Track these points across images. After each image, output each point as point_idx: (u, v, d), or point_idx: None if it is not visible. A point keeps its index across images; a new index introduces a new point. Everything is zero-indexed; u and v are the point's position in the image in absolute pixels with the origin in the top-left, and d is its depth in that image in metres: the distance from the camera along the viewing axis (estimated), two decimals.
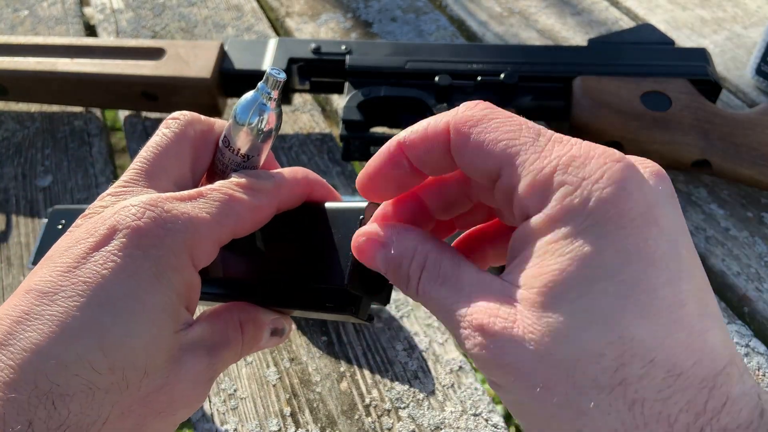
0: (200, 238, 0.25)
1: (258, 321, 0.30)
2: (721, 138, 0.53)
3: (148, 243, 0.24)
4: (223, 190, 0.27)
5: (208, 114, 0.64)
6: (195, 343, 0.26)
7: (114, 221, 0.24)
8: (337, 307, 0.28)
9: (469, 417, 0.41)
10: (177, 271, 0.25)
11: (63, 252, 0.24)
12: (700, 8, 0.77)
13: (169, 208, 0.25)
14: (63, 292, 0.23)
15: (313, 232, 0.29)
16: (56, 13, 0.83)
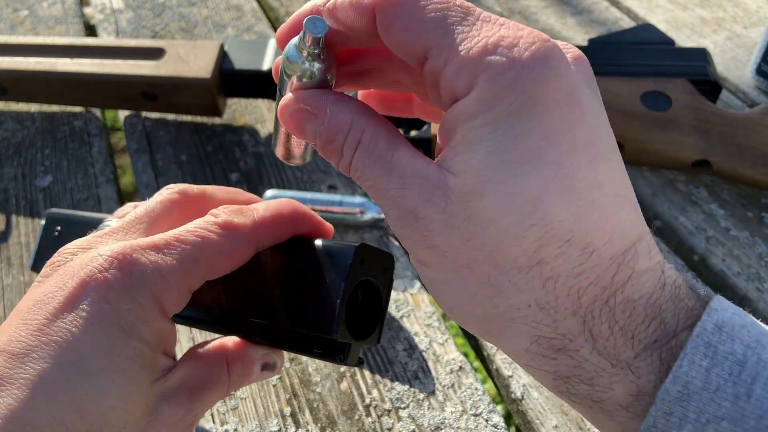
0: (168, 286, 0.25)
1: (246, 358, 0.29)
2: (722, 138, 0.53)
3: (115, 296, 0.24)
4: (197, 233, 0.26)
5: (209, 114, 0.64)
6: (174, 390, 0.26)
7: (83, 274, 0.24)
8: (325, 354, 0.28)
9: (469, 417, 0.41)
10: (146, 322, 0.24)
11: (32, 307, 0.24)
12: (701, 8, 0.77)
13: (137, 257, 0.24)
14: (34, 353, 0.23)
15: (302, 269, 0.28)
16: (56, 13, 0.83)
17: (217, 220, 0.27)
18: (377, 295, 0.29)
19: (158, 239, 0.25)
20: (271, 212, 0.28)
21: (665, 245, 0.51)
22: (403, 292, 0.49)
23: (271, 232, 0.28)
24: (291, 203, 0.29)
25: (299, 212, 0.29)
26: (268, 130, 0.64)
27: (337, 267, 0.26)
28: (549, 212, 0.21)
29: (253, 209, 0.28)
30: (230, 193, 0.31)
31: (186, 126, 0.65)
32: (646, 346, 0.21)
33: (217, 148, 0.62)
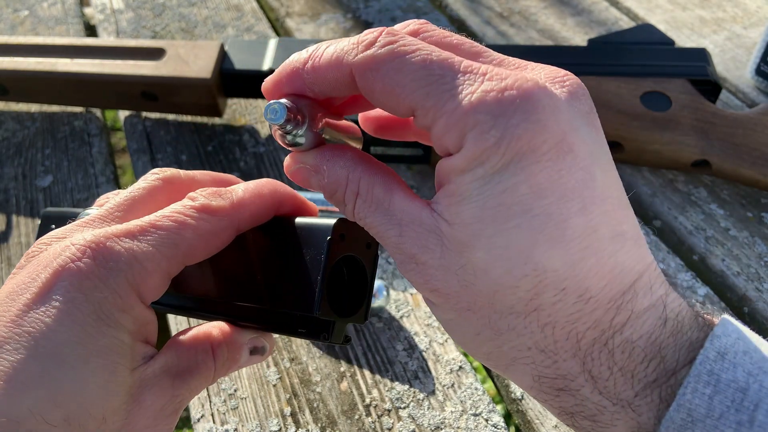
0: (145, 273, 0.24)
1: (233, 343, 0.28)
2: (721, 138, 0.53)
3: (90, 285, 0.23)
4: (173, 218, 0.25)
5: (209, 114, 0.64)
6: (156, 376, 0.25)
7: (56, 265, 0.24)
8: (309, 332, 0.27)
9: (469, 417, 0.41)
10: (124, 311, 0.24)
11: (5, 299, 0.24)
12: (700, 8, 0.77)
13: (111, 245, 0.24)
14: (8, 344, 0.22)
15: (283, 249, 0.27)
16: (56, 13, 0.83)
17: (194, 203, 0.26)
18: (362, 272, 0.28)
19: (133, 226, 0.25)
20: (251, 193, 0.27)
21: (665, 245, 0.51)
22: (403, 292, 0.49)
23: (251, 214, 0.27)
24: (271, 183, 0.28)
25: (280, 192, 0.28)
26: (267, 130, 0.64)
27: (316, 244, 0.26)
28: (541, 263, 0.21)
29: (231, 191, 0.27)
30: (215, 178, 0.30)
31: (186, 126, 0.65)
32: (646, 385, 0.22)
33: (217, 148, 0.62)
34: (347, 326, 0.28)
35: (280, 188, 0.28)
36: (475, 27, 0.77)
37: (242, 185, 0.28)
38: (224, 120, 0.65)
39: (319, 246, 0.26)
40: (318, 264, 0.26)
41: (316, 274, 0.26)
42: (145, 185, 0.28)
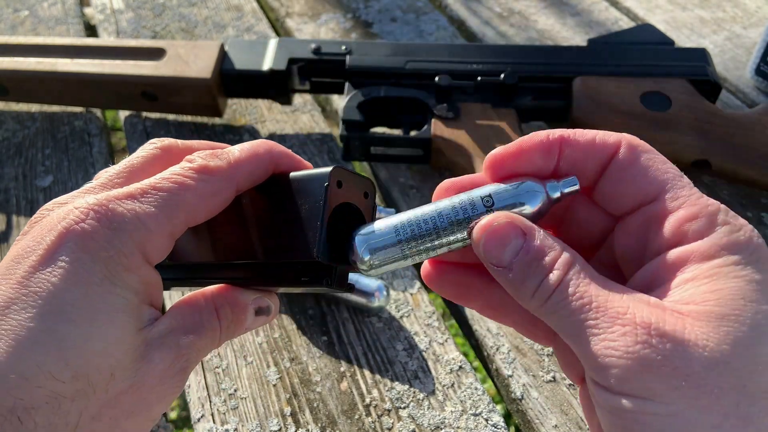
0: (150, 234, 0.25)
1: (237, 303, 0.29)
2: (721, 138, 0.53)
3: (95, 246, 0.24)
4: (173, 179, 0.26)
5: (209, 114, 0.64)
6: (162, 337, 0.26)
7: (61, 227, 0.24)
8: (311, 280, 0.27)
9: (469, 417, 0.41)
10: (130, 270, 0.24)
11: (11, 263, 0.24)
12: (700, 8, 0.77)
13: (114, 207, 0.24)
14: (15, 305, 0.23)
15: (282, 204, 0.27)
16: (56, 14, 0.83)
17: (192, 165, 0.26)
18: (361, 221, 0.28)
19: (134, 188, 0.25)
20: (247, 152, 0.28)
21: None
22: (403, 292, 0.49)
23: (248, 173, 0.28)
24: (266, 143, 0.29)
25: (275, 151, 0.29)
26: (268, 130, 0.64)
27: (314, 192, 0.26)
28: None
29: (228, 151, 0.28)
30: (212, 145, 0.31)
31: (186, 126, 0.65)
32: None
33: None
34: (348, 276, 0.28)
35: (275, 147, 0.29)
36: (475, 27, 0.77)
37: (238, 146, 0.28)
38: (224, 120, 0.66)
39: (317, 194, 0.26)
40: (317, 211, 0.26)
41: (315, 221, 0.26)
42: (143, 153, 0.28)
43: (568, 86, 0.57)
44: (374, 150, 0.57)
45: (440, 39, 0.75)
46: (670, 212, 0.24)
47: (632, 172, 0.25)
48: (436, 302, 0.49)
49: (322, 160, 0.60)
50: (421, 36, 0.76)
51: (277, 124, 0.65)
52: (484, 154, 0.52)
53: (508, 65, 0.57)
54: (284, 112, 0.66)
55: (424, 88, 0.57)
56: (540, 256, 0.23)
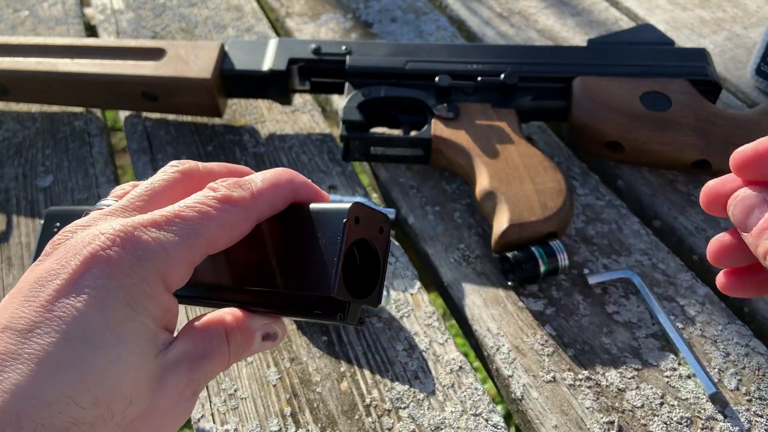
0: (172, 263, 0.25)
1: (246, 329, 0.29)
2: (721, 138, 0.53)
3: (120, 273, 0.24)
4: (197, 209, 0.26)
5: (209, 114, 0.64)
6: (176, 362, 0.26)
7: (86, 252, 0.24)
8: (324, 314, 0.28)
9: (469, 417, 0.41)
10: (151, 297, 0.25)
11: (34, 285, 0.24)
12: (700, 8, 0.77)
13: (139, 234, 0.25)
14: (39, 329, 0.23)
15: (299, 235, 0.28)
16: (57, 14, 0.83)
17: (216, 194, 0.27)
18: (375, 256, 0.29)
19: (158, 216, 0.26)
20: (269, 183, 0.28)
21: (665, 245, 0.51)
22: (403, 292, 0.49)
23: (269, 203, 0.28)
24: (288, 172, 0.29)
25: (296, 181, 0.29)
26: (268, 130, 0.64)
27: (332, 227, 0.27)
28: None
29: (250, 181, 0.28)
30: (231, 169, 0.31)
31: (186, 126, 0.65)
32: None
33: (218, 148, 0.62)
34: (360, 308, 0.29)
35: (296, 177, 0.29)
36: (475, 27, 0.77)
37: (260, 175, 0.29)
38: (224, 120, 0.66)
39: (335, 229, 0.26)
40: (334, 246, 0.26)
41: (332, 256, 0.26)
42: (165, 177, 0.29)
43: (568, 86, 0.57)
44: (374, 150, 0.57)
45: (440, 39, 0.75)
46: None
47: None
48: (436, 303, 0.49)
49: (322, 161, 0.60)
50: (421, 36, 0.76)
51: (277, 124, 0.65)
52: (484, 154, 0.52)
53: (508, 65, 0.57)
54: (284, 113, 0.66)
55: (424, 88, 0.57)
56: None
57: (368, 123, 0.57)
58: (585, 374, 0.43)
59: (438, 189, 0.57)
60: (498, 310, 0.47)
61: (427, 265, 0.52)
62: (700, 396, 0.41)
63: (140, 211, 0.27)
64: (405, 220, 0.55)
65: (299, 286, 0.27)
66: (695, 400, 0.41)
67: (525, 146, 0.53)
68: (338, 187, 0.57)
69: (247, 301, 0.30)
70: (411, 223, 0.54)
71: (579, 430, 0.40)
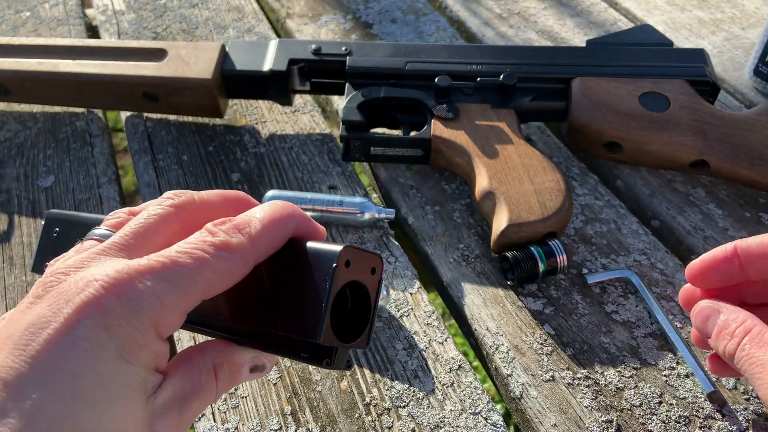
0: (165, 311, 0.24)
1: (234, 362, 0.29)
2: (720, 138, 0.53)
3: (113, 323, 0.23)
4: (195, 255, 0.25)
5: (210, 114, 0.64)
6: (165, 405, 0.26)
7: (79, 301, 0.23)
8: (311, 357, 0.27)
9: (468, 416, 0.41)
10: (144, 347, 0.24)
11: (25, 332, 0.23)
12: (699, 9, 0.78)
13: (134, 283, 0.24)
14: (30, 383, 0.22)
15: (292, 273, 0.27)
16: (58, 15, 0.84)
17: (214, 240, 0.26)
18: (366, 296, 0.28)
19: (155, 263, 0.25)
20: (269, 223, 0.27)
21: (663, 245, 0.51)
22: (402, 291, 0.49)
23: (267, 245, 0.27)
24: (287, 208, 0.28)
25: (295, 217, 0.28)
26: (268, 130, 0.65)
27: (322, 270, 0.26)
28: None
29: (249, 223, 0.27)
30: (228, 199, 0.30)
31: (187, 126, 0.65)
32: None
33: (218, 148, 0.63)
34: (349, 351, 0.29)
35: (295, 212, 0.28)
36: (475, 28, 0.77)
37: (259, 212, 0.28)
38: (225, 120, 0.66)
39: (324, 272, 0.26)
40: (323, 291, 0.26)
41: (320, 301, 0.26)
42: (161, 212, 0.28)
43: (567, 87, 0.57)
44: (374, 150, 0.57)
45: (440, 40, 0.75)
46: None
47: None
48: (435, 302, 0.50)
49: (323, 161, 0.60)
50: (420, 37, 0.76)
51: (278, 124, 0.65)
52: (484, 154, 0.52)
53: (507, 66, 0.58)
54: (284, 113, 0.67)
55: (423, 88, 0.57)
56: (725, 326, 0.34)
57: (368, 123, 0.57)
58: (584, 373, 0.43)
59: (438, 189, 0.57)
60: (497, 310, 0.47)
61: (426, 264, 0.53)
62: (698, 395, 0.41)
63: (133, 250, 0.26)
64: (405, 220, 0.55)
65: (287, 328, 0.27)
66: (693, 399, 0.41)
67: (524, 146, 0.53)
68: (338, 188, 0.58)
69: (236, 334, 0.30)
70: (411, 223, 0.55)
71: (578, 428, 0.40)
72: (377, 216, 0.53)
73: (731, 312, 0.35)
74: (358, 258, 0.27)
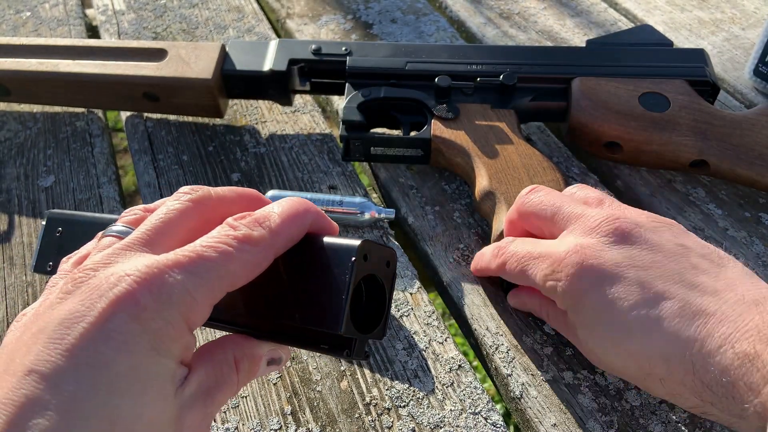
0: (195, 304, 0.25)
1: (254, 356, 0.30)
2: (719, 139, 0.53)
3: (146, 317, 0.24)
4: (219, 249, 0.26)
5: (210, 115, 0.64)
6: (192, 397, 0.26)
7: (112, 295, 0.24)
8: (331, 349, 0.28)
9: (468, 415, 0.41)
10: (175, 340, 0.25)
11: (59, 326, 0.24)
12: (699, 9, 0.78)
13: (165, 278, 0.25)
14: (66, 375, 0.23)
15: (310, 267, 0.28)
16: (58, 15, 0.84)
17: (237, 234, 0.27)
18: (381, 289, 0.29)
19: (182, 257, 0.26)
20: (287, 218, 0.28)
21: None
22: (402, 291, 0.49)
23: (287, 239, 0.28)
24: (303, 203, 0.29)
25: (311, 213, 0.29)
26: (268, 130, 0.65)
27: (341, 264, 0.27)
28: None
29: (269, 217, 0.28)
30: (243, 195, 0.31)
31: (187, 126, 0.65)
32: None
33: (219, 148, 0.63)
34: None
35: (311, 208, 0.29)
36: (475, 28, 0.77)
37: (277, 208, 0.29)
38: (225, 120, 0.66)
39: (344, 266, 0.27)
40: (342, 284, 0.26)
41: (340, 293, 0.27)
42: (179, 207, 0.29)
43: (567, 87, 0.57)
44: (374, 150, 0.57)
45: (440, 40, 0.75)
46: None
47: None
48: (435, 302, 0.50)
49: (323, 161, 0.60)
50: (421, 37, 0.76)
51: (278, 124, 0.65)
52: (484, 154, 0.52)
53: (507, 66, 0.58)
54: (285, 113, 0.67)
55: (423, 88, 0.57)
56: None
57: (368, 123, 0.57)
58: (584, 373, 0.43)
59: (438, 189, 0.57)
60: (497, 310, 0.47)
61: (426, 264, 0.53)
62: None
63: (155, 245, 0.27)
64: (405, 220, 0.55)
65: (308, 321, 0.28)
66: None
67: (524, 146, 0.53)
68: (338, 188, 0.58)
69: (255, 328, 0.30)
70: (411, 223, 0.55)
71: (578, 429, 0.40)
72: (377, 216, 0.53)
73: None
74: (374, 252, 0.28)
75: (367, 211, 0.53)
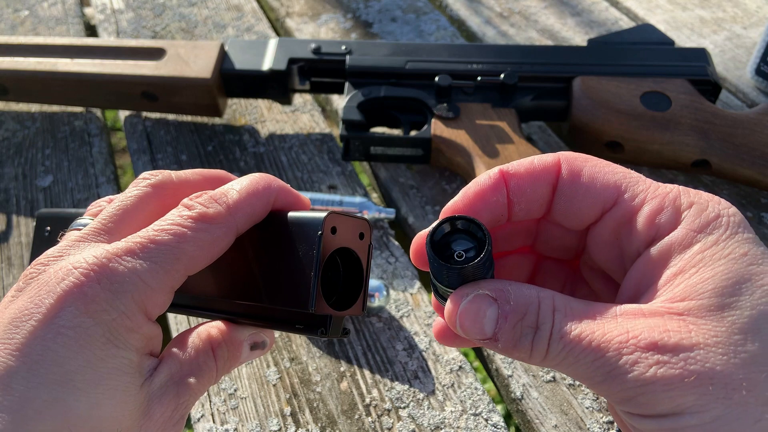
0: (151, 292, 0.24)
1: (233, 341, 0.29)
2: (721, 138, 0.53)
3: (97, 309, 0.23)
4: (172, 230, 0.25)
5: (209, 114, 0.64)
6: (162, 388, 0.25)
7: (60, 290, 0.23)
8: (306, 328, 0.27)
9: (469, 417, 0.41)
10: (132, 330, 0.24)
11: (9, 326, 0.23)
12: (700, 8, 0.77)
13: (114, 267, 0.24)
14: (17, 374, 0.22)
15: (277, 245, 0.27)
16: (57, 14, 0.83)
17: (191, 213, 0.26)
18: (357, 263, 0.28)
19: (133, 244, 0.25)
20: (246, 193, 0.27)
21: None
22: (403, 291, 0.49)
23: (248, 215, 0.27)
24: (265, 178, 0.28)
25: (274, 187, 0.28)
26: (268, 130, 0.64)
27: (308, 239, 0.26)
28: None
29: (226, 193, 0.27)
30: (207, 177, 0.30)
31: (186, 126, 0.65)
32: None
33: (218, 147, 0.62)
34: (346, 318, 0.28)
35: (273, 183, 0.28)
36: (475, 27, 0.77)
37: (236, 184, 0.27)
38: (224, 120, 0.66)
39: (310, 240, 0.25)
40: (310, 259, 0.25)
41: (308, 270, 0.25)
42: (137, 193, 0.28)
43: (568, 86, 0.57)
44: (374, 150, 0.57)
45: (440, 39, 0.75)
46: (635, 211, 0.24)
47: (581, 186, 0.25)
48: None
49: (322, 160, 0.60)
50: (421, 36, 0.76)
51: (277, 124, 0.65)
52: (484, 153, 0.52)
53: (508, 65, 0.57)
54: (284, 112, 0.66)
55: (424, 88, 0.57)
56: (521, 316, 0.23)
57: (368, 123, 0.57)
58: None
59: (438, 189, 0.57)
60: None
61: None
62: None
63: (112, 234, 0.26)
64: (405, 220, 0.55)
65: (278, 300, 0.27)
66: None
67: (525, 146, 0.53)
68: (338, 187, 0.57)
69: (231, 312, 0.29)
70: (411, 223, 0.54)
71: (579, 429, 0.40)
72: (377, 216, 0.53)
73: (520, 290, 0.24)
74: (344, 224, 0.27)
75: (367, 211, 0.52)
